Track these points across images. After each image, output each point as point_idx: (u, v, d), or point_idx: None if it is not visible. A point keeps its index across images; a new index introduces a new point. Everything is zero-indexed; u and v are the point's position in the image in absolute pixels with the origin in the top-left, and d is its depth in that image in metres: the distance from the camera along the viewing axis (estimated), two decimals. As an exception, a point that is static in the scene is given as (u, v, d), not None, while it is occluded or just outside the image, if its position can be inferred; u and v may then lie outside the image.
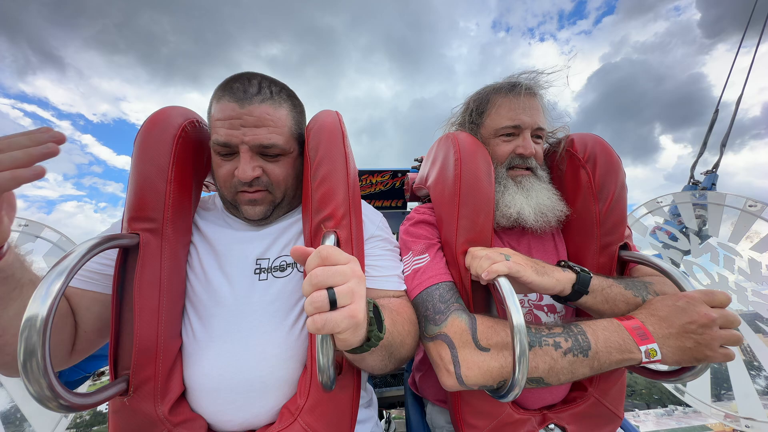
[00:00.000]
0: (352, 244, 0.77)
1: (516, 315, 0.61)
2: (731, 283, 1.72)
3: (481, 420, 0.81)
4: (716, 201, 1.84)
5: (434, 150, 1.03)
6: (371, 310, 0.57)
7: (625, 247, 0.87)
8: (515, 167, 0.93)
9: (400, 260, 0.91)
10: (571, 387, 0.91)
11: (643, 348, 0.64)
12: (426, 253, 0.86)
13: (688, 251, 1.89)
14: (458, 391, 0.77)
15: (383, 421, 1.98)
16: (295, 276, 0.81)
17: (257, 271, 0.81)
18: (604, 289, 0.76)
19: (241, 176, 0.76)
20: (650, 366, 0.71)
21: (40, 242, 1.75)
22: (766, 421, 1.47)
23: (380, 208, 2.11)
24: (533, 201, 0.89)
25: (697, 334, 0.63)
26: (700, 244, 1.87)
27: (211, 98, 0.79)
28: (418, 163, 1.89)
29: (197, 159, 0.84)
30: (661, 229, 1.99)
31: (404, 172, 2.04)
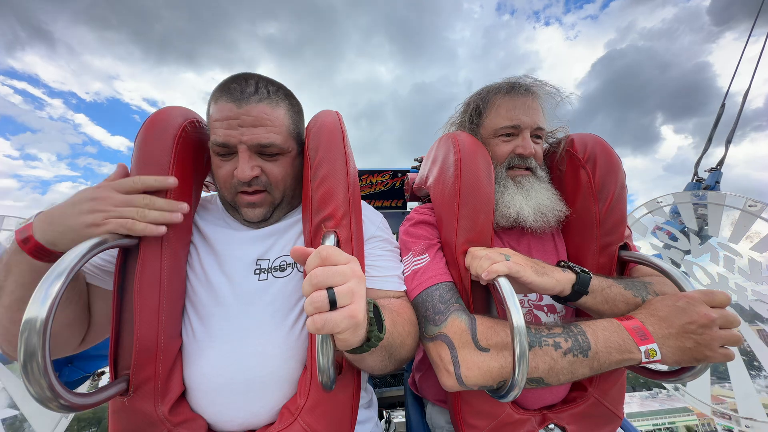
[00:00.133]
0: (352, 244, 0.77)
1: (516, 315, 0.61)
2: (731, 283, 1.72)
3: (481, 420, 0.81)
4: (716, 201, 1.84)
5: (434, 150, 1.03)
6: (371, 310, 0.57)
7: (625, 247, 0.87)
8: (515, 167, 0.93)
9: (400, 261, 0.91)
10: (571, 387, 0.91)
11: (642, 348, 0.64)
12: (426, 254, 0.86)
13: (688, 251, 1.89)
14: (458, 391, 0.77)
15: (383, 421, 1.98)
16: (295, 276, 0.81)
17: (257, 271, 0.81)
18: (603, 289, 0.76)
19: (239, 176, 0.77)
20: (650, 366, 0.71)
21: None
22: (766, 421, 1.46)
23: (380, 208, 2.11)
24: (533, 201, 0.89)
25: (696, 334, 0.63)
26: (701, 244, 1.86)
27: (210, 99, 0.80)
28: (418, 163, 1.89)
29: (197, 159, 0.84)
30: (662, 229, 1.99)
31: (404, 172, 2.03)
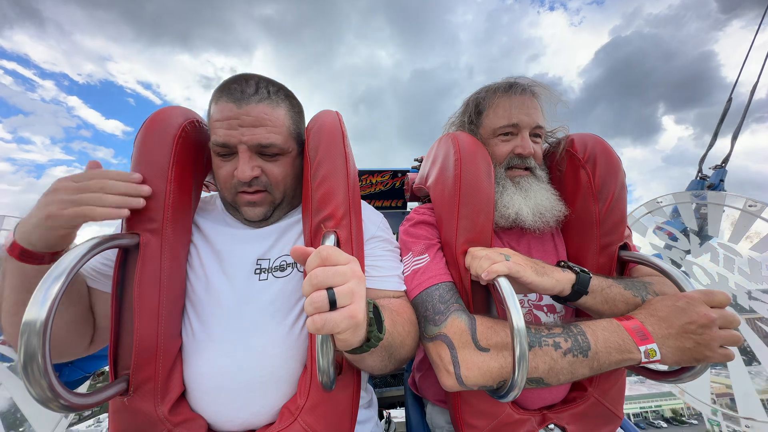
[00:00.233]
0: (352, 244, 0.77)
1: (516, 316, 0.61)
2: (731, 283, 1.71)
3: (481, 420, 0.81)
4: (716, 201, 1.83)
5: (434, 150, 1.03)
6: (371, 310, 0.57)
7: (625, 247, 0.87)
8: (514, 167, 0.93)
9: (400, 261, 0.92)
10: (571, 387, 0.91)
11: (642, 348, 0.64)
12: (426, 254, 0.86)
13: (688, 251, 1.89)
14: (458, 391, 0.77)
15: (383, 421, 1.98)
16: (295, 276, 0.81)
17: (257, 271, 0.81)
18: (603, 289, 0.76)
19: (240, 176, 0.77)
20: (650, 366, 0.72)
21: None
22: (766, 421, 1.46)
23: (380, 208, 2.11)
24: (531, 202, 0.89)
25: (696, 334, 0.63)
26: (701, 244, 1.86)
27: (210, 100, 0.80)
28: (418, 163, 1.89)
29: (197, 159, 0.84)
30: (662, 230, 1.98)
31: (404, 172, 2.03)
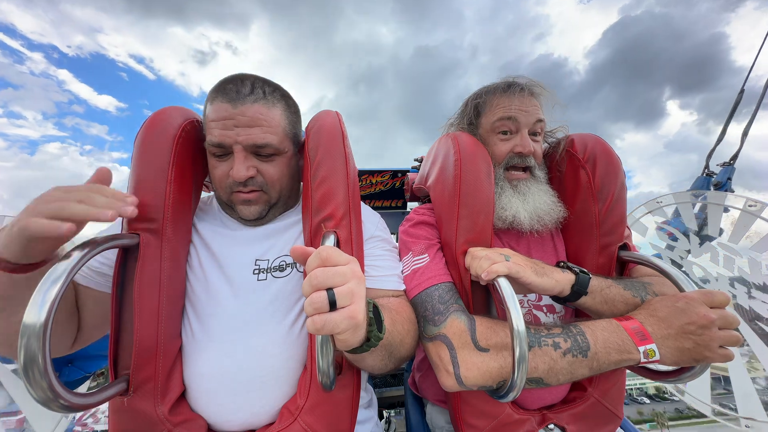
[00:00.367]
0: (352, 244, 0.77)
1: (516, 316, 0.61)
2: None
3: (481, 420, 0.82)
4: (716, 201, 1.83)
5: (434, 150, 1.03)
6: (371, 310, 0.57)
7: (625, 247, 0.87)
8: (513, 167, 0.93)
9: (399, 260, 0.92)
10: (571, 387, 0.91)
11: (641, 348, 0.64)
12: (426, 254, 0.86)
13: (688, 251, 1.89)
14: (458, 391, 0.77)
15: (383, 421, 1.98)
16: (295, 276, 0.81)
17: (256, 271, 0.81)
18: (603, 289, 0.76)
19: (235, 176, 0.76)
20: (649, 366, 0.72)
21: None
22: (766, 421, 1.46)
23: (380, 208, 2.11)
24: (530, 205, 0.89)
25: (696, 335, 0.63)
26: (701, 244, 1.86)
27: (206, 100, 0.80)
28: (418, 163, 1.89)
29: (197, 159, 0.84)
30: (662, 230, 1.98)
31: (404, 172, 2.03)
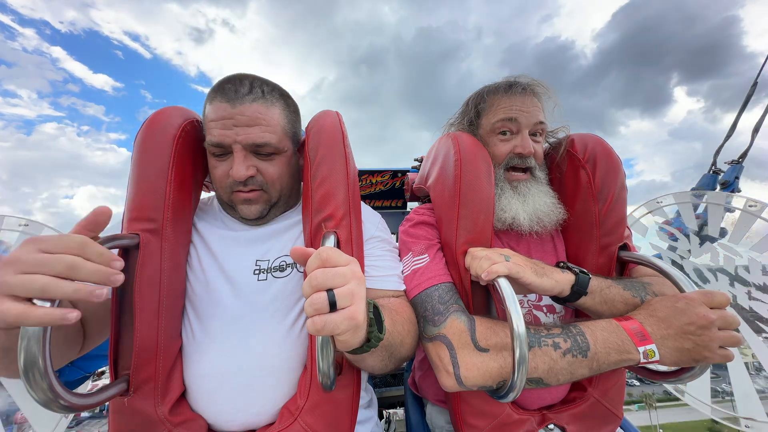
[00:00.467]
0: (352, 244, 0.77)
1: (516, 317, 0.61)
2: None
3: (481, 420, 0.82)
4: (716, 201, 1.83)
5: (434, 150, 1.03)
6: (371, 311, 0.58)
7: (625, 247, 0.87)
8: (513, 168, 0.93)
9: (399, 260, 0.92)
10: (571, 387, 0.91)
11: (641, 349, 0.64)
12: (426, 254, 0.86)
13: (689, 251, 1.89)
14: (458, 391, 0.77)
15: (383, 421, 1.98)
16: (295, 276, 0.81)
17: (256, 272, 0.81)
18: (602, 290, 0.76)
19: (235, 176, 0.76)
20: (649, 366, 0.72)
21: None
22: (766, 421, 1.46)
23: (380, 208, 2.11)
24: (529, 207, 0.89)
25: (695, 335, 0.63)
26: (701, 245, 1.86)
27: (205, 101, 0.80)
28: (418, 163, 1.89)
29: (197, 159, 0.84)
30: (663, 230, 1.98)
31: (404, 172, 2.03)
